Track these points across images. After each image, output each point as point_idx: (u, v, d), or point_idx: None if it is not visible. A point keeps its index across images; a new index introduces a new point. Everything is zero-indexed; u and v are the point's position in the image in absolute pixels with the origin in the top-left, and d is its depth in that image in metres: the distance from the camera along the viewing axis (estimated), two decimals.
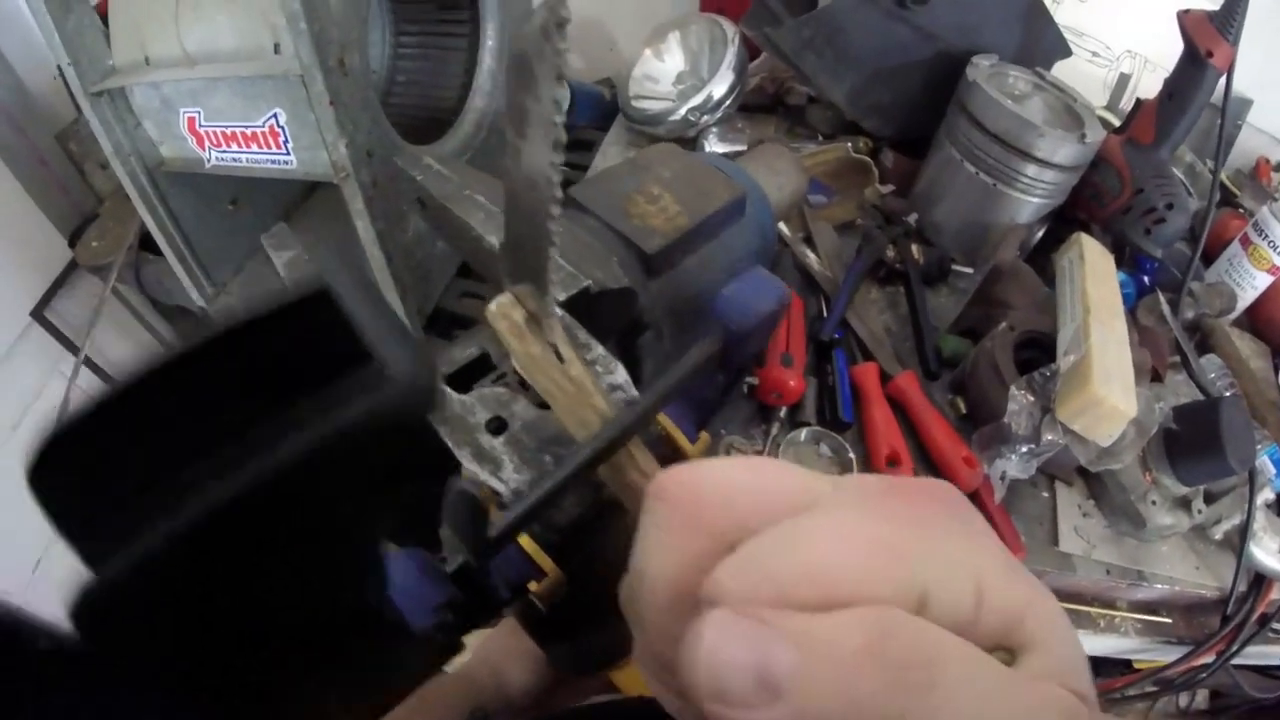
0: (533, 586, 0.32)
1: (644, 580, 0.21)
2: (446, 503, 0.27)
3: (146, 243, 1.19)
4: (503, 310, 0.31)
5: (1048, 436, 0.79)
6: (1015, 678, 0.19)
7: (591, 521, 0.34)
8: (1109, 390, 0.76)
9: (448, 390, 0.37)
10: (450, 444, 0.34)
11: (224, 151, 0.97)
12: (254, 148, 0.94)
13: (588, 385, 0.31)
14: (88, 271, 1.31)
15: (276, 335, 0.15)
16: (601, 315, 0.44)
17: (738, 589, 0.19)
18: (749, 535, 0.20)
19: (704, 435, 0.36)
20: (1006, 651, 0.20)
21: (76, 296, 1.34)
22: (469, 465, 0.33)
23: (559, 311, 0.41)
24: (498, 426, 0.35)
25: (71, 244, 1.30)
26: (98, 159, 1.28)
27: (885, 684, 0.18)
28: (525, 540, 0.32)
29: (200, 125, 0.96)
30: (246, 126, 0.93)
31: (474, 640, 1.18)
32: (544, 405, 0.35)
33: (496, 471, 0.33)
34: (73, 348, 1.32)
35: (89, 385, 1.31)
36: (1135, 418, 0.78)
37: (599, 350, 0.38)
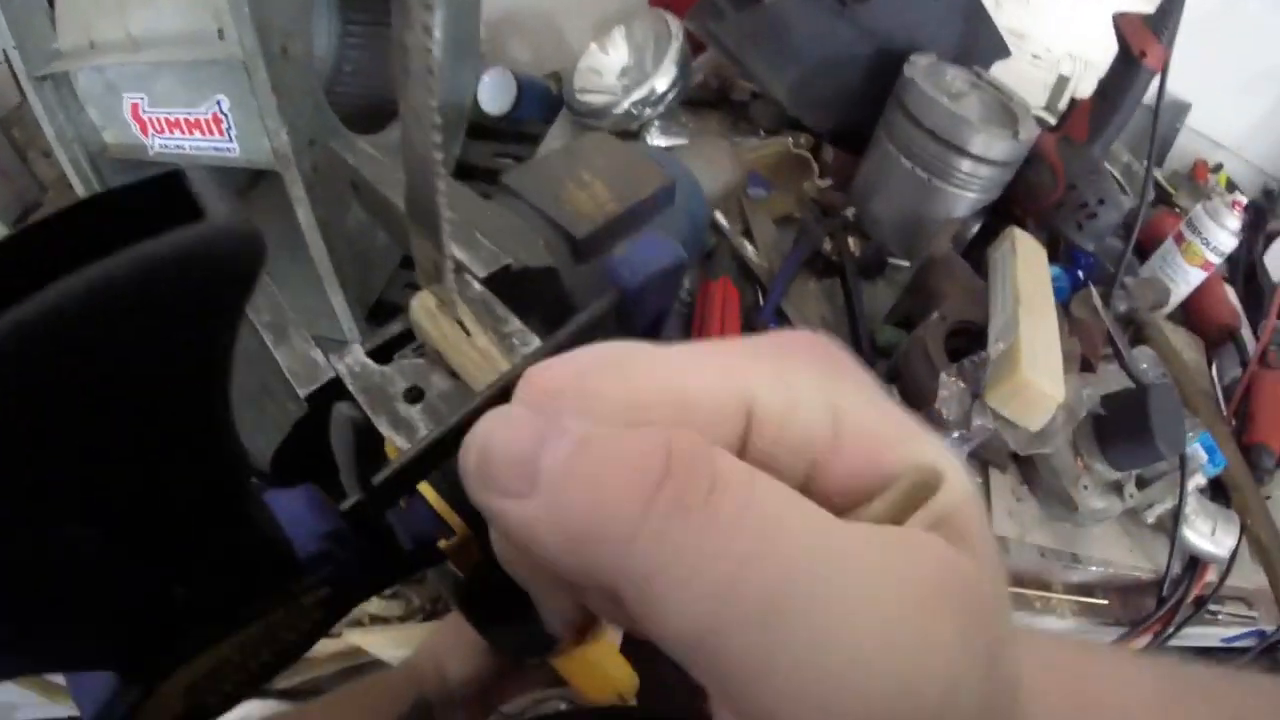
0: (442, 544, 0.32)
1: None
2: (330, 428, 0.27)
3: None
4: (420, 303, 0.33)
5: (977, 422, 0.81)
6: (856, 531, 0.16)
7: None
8: (1037, 375, 0.78)
9: (368, 362, 0.38)
10: (369, 412, 0.35)
11: (167, 139, 0.96)
12: (197, 135, 0.94)
13: (493, 352, 0.33)
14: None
15: (127, 211, 0.15)
16: (525, 293, 0.45)
17: (534, 383, 0.19)
18: None
19: None
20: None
21: None
22: (386, 432, 0.34)
23: (478, 286, 0.42)
24: (415, 395, 0.35)
25: None
26: (41, 146, 1.25)
27: (652, 498, 0.16)
28: (431, 494, 0.33)
29: (144, 111, 0.95)
30: (190, 113, 0.92)
31: (419, 633, 1.17)
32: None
33: (412, 437, 0.34)
34: None
35: None
36: (1064, 403, 0.81)
37: (516, 324, 0.39)
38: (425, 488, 0.33)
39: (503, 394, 0.30)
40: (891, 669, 0.15)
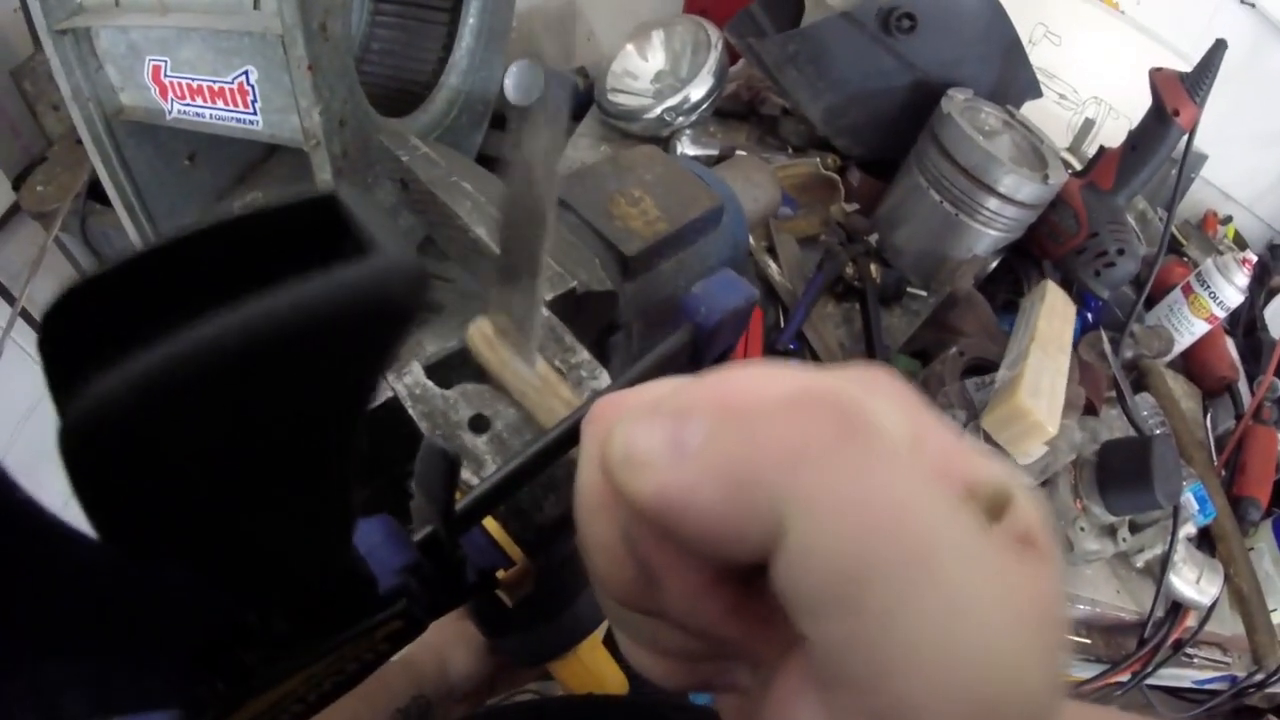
0: (500, 574, 0.32)
1: (577, 497, 0.21)
2: (418, 460, 0.26)
3: (95, 192, 1.15)
4: (478, 329, 0.33)
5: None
6: (976, 523, 0.17)
7: (567, 523, 0.34)
8: (1035, 404, 0.79)
9: (429, 384, 0.37)
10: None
11: (187, 105, 0.94)
12: (219, 104, 0.92)
13: (552, 380, 0.33)
14: (30, 217, 1.25)
15: (282, 230, 0.14)
16: (585, 317, 0.44)
17: (635, 412, 0.19)
18: None
19: None
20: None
21: (16, 243, 1.28)
22: None
23: (545, 313, 0.41)
24: (480, 425, 0.35)
25: (16, 187, 1.24)
26: (51, 100, 1.23)
27: (815, 426, 0.17)
28: (493, 526, 0.32)
29: (165, 75, 0.93)
30: (214, 81, 0.90)
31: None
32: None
33: (479, 471, 0.33)
34: (8, 296, 1.26)
35: (25, 339, 1.25)
36: (1055, 441, 0.81)
37: (583, 355, 0.38)
38: (491, 523, 0.33)
39: (576, 430, 0.30)
40: (1000, 676, 0.15)
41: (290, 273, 0.12)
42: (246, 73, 0.87)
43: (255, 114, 0.90)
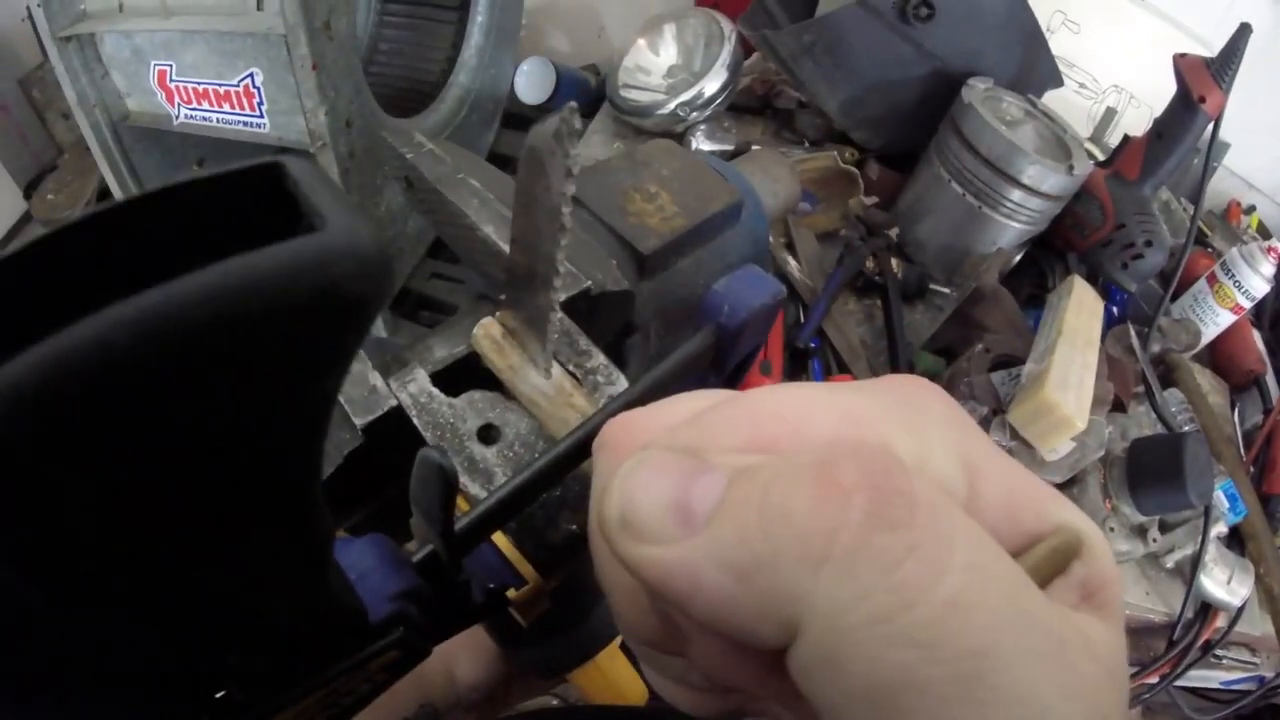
0: (511, 594, 0.30)
1: (592, 538, 0.19)
2: (413, 475, 0.24)
3: (107, 199, 1.14)
4: (484, 330, 0.32)
5: (993, 438, 0.79)
6: (1028, 592, 0.15)
7: (583, 541, 0.32)
8: (1063, 398, 0.77)
9: (435, 392, 0.35)
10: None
11: (194, 109, 0.93)
12: (226, 107, 0.91)
13: (566, 387, 0.31)
14: (42, 226, 1.25)
15: (222, 199, 0.12)
16: (600, 319, 0.42)
17: (664, 442, 0.17)
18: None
19: None
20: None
21: None
22: (460, 477, 0.31)
23: (559, 315, 0.39)
24: (490, 436, 0.33)
25: (27, 195, 1.24)
26: (60, 108, 1.23)
27: (844, 513, 0.14)
28: (504, 542, 0.30)
29: (171, 80, 0.92)
30: (220, 85, 0.89)
31: None
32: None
33: (488, 484, 0.31)
34: None
35: None
36: (1084, 437, 0.79)
37: (600, 359, 0.36)
38: (502, 540, 0.31)
39: (589, 440, 0.28)
40: None
41: (227, 250, 0.10)
42: (252, 75, 0.86)
43: (262, 116, 0.88)
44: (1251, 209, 1.49)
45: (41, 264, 0.11)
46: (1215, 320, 1.14)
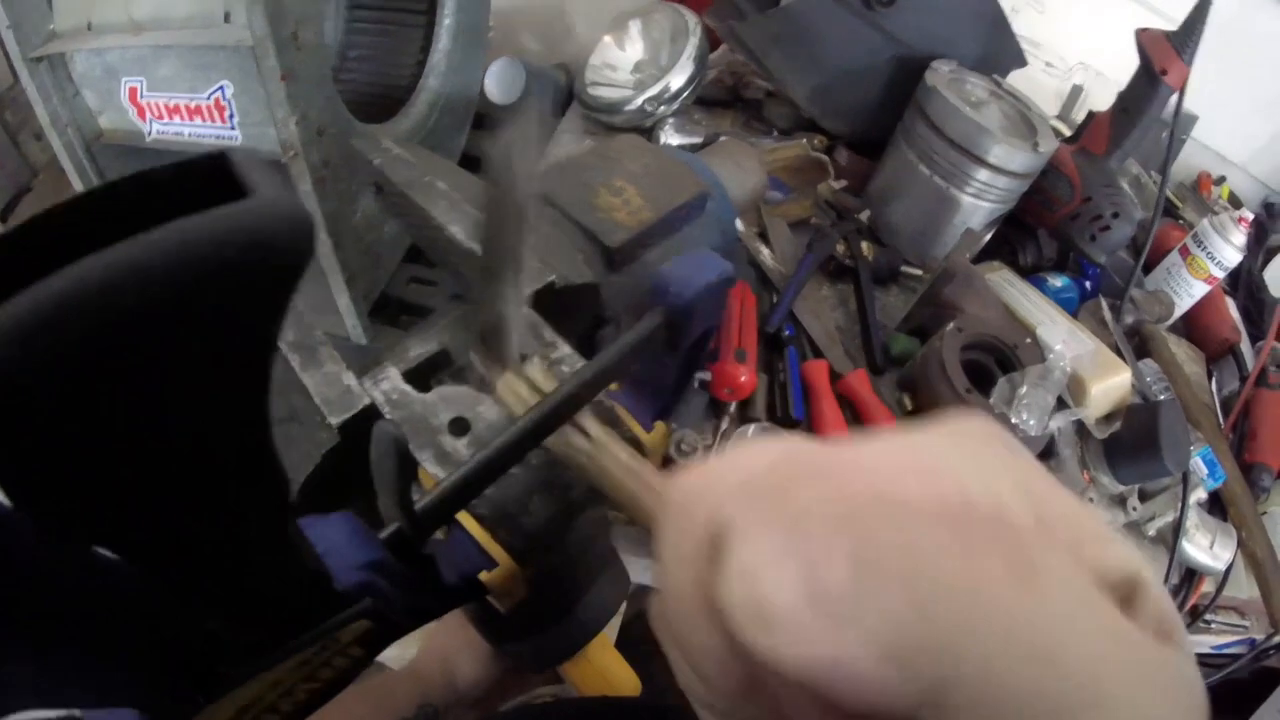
0: (484, 577, 0.31)
1: (668, 597, 0.19)
2: (371, 449, 0.25)
3: None
4: (508, 386, 0.32)
5: (1055, 425, 0.84)
6: (1129, 627, 0.16)
7: (561, 528, 0.33)
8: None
9: (408, 389, 0.36)
10: (411, 447, 0.33)
11: (166, 124, 0.93)
12: (198, 121, 0.91)
13: (603, 439, 0.30)
14: None
15: (169, 192, 0.14)
16: (568, 311, 0.43)
17: (746, 515, 0.17)
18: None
19: (660, 425, 0.36)
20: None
21: None
22: (431, 469, 0.32)
23: (525, 309, 0.40)
24: (460, 427, 0.34)
25: (4, 218, 1.24)
26: (34, 129, 1.22)
27: (970, 571, 0.15)
28: (473, 525, 0.31)
29: (143, 96, 0.92)
30: (191, 99, 0.89)
31: (405, 640, 1.17)
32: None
33: None
34: None
35: None
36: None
37: (565, 349, 0.37)
38: (466, 518, 0.32)
39: (551, 417, 0.29)
40: None
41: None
42: (223, 87, 0.86)
43: (234, 129, 0.89)
44: (1222, 180, 1.51)
45: (31, 238, 0.13)
46: (1189, 291, 1.16)
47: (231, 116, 0.88)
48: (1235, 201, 1.50)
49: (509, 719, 0.62)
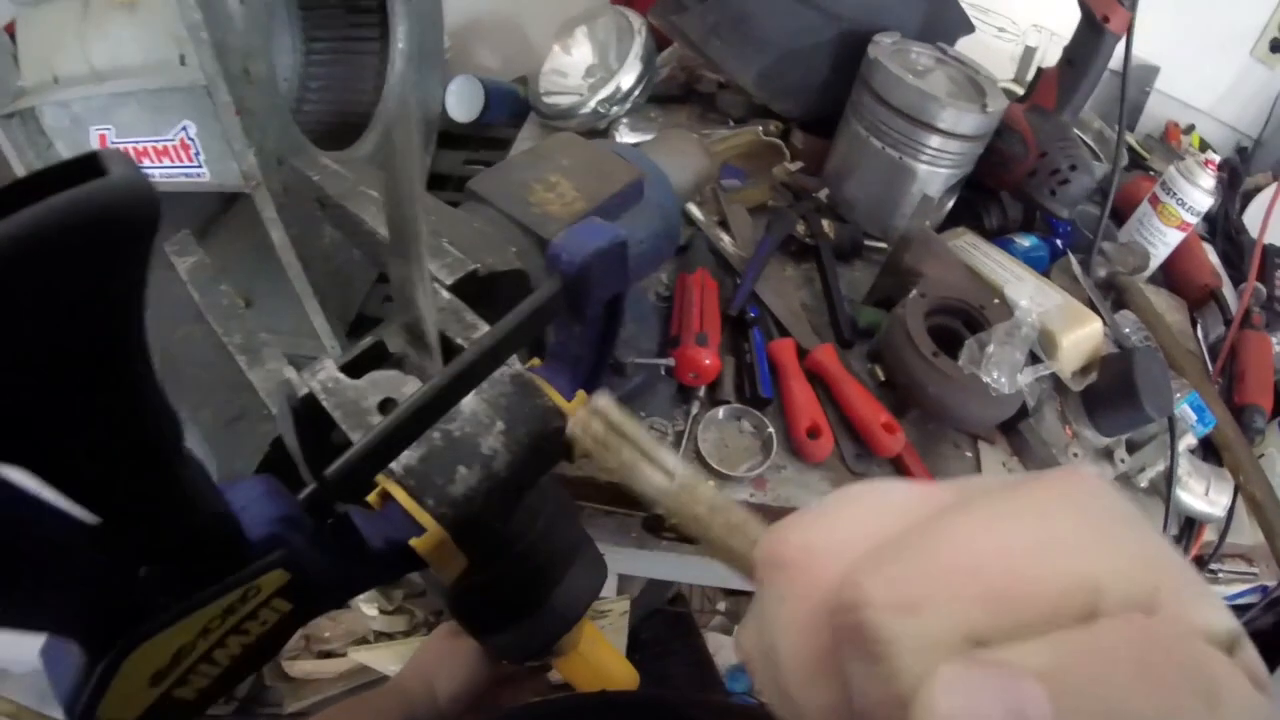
0: (414, 542, 0.32)
1: (779, 657, 0.20)
2: (277, 418, 0.27)
3: None
4: (583, 427, 0.30)
5: (1027, 380, 0.85)
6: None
7: (486, 496, 0.35)
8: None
9: (341, 377, 0.38)
10: (344, 428, 0.35)
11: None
12: (166, 162, 0.93)
13: (690, 480, 0.29)
14: None
15: (62, 179, 0.17)
16: (495, 297, 0.45)
17: (884, 593, 0.17)
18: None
19: (581, 394, 0.37)
20: None
21: None
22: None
23: (445, 295, 0.42)
24: (388, 406, 0.36)
25: None
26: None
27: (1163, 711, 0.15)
28: (400, 493, 0.33)
29: (111, 142, 0.95)
30: (157, 140, 0.92)
31: (405, 650, 1.17)
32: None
33: None
34: None
35: None
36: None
37: (483, 328, 0.39)
38: (394, 487, 0.34)
39: (456, 382, 0.31)
40: None
41: None
42: (185, 127, 0.89)
43: (200, 166, 0.91)
44: (1190, 128, 1.51)
45: None
46: (1164, 240, 1.16)
47: (197, 154, 0.90)
48: (1205, 148, 1.50)
49: (510, 718, 0.63)
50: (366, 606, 1.43)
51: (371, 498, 0.34)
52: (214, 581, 0.26)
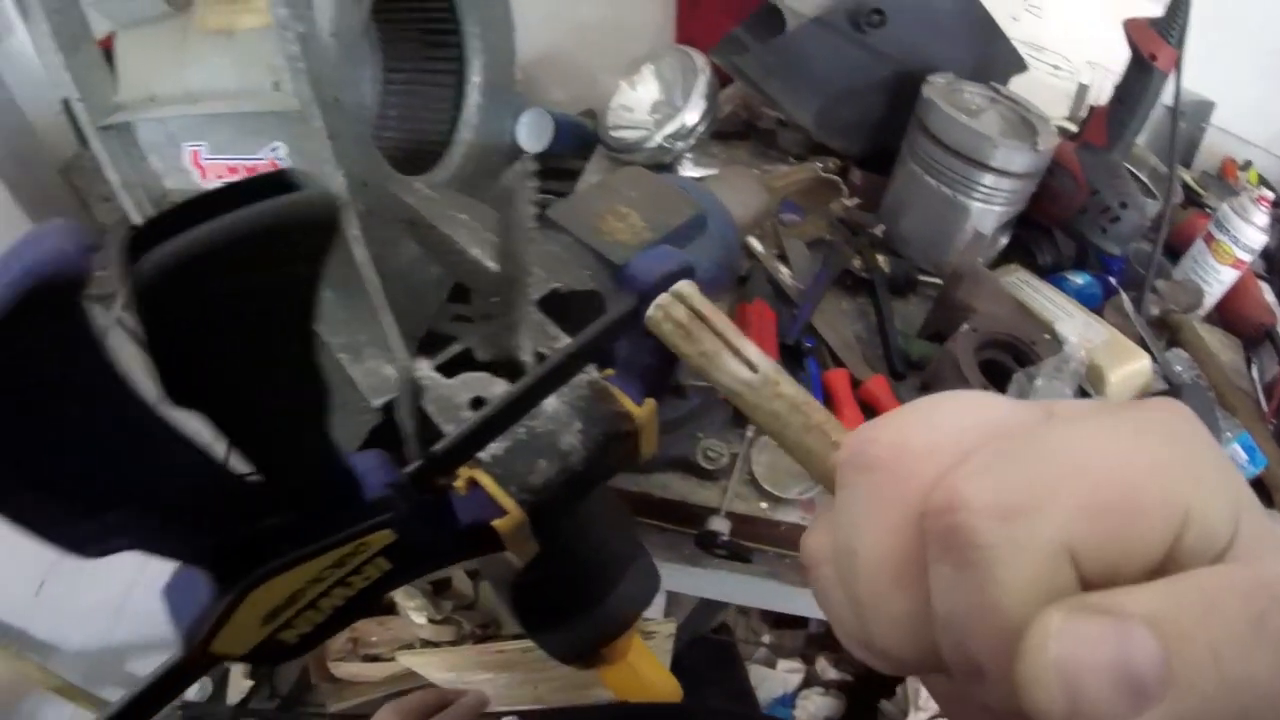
0: (496, 523, 0.36)
1: (857, 561, 0.19)
2: (398, 402, 0.32)
3: None
4: (664, 311, 0.30)
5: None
6: None
7: (561, 487, 0.39)
8: None
9: (436, 375, 0.43)
10: (437, 421, 0.40)
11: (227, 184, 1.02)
12: None
13: (772, 375, 0.28)
14: (94, 301, 1.34)
15: (261, 188, 0.22)
16: (572, 314, 0.49)
17: (983, 498, 0.17)
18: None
19: (650, 402, 0.41)
20: None
21: None
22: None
23: (534, 311, 0.47)
24: (478, 404, 0.40)
25: None
26: (100, 192, 1.30)
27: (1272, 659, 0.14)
28: (486, 480, 0.37)
29: (204, 159, 1.01)
30: (247, 159, 0.98)
31: (469, 656, 1.19)
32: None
33: None
34: None
35: None
36: None
37: (564, 340, 0.44)
38: (481, 475, 0.38)
39: (537, 386, 0.35)
40: None
41: None
42: (275, 148, 0.95)
43: None
44: (1248, 164, 1.49)
45: (169, 219, 0.21)
46: (1218, 278, 1.15)
47: None
48: (1264, 184, 1.48)
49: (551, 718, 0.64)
50: (416, 614, 1.46)
51: (459, 483, 0.38)
52: (331, 529, 0.30)
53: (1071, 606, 0.15)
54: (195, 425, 0.24)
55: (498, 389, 0.41)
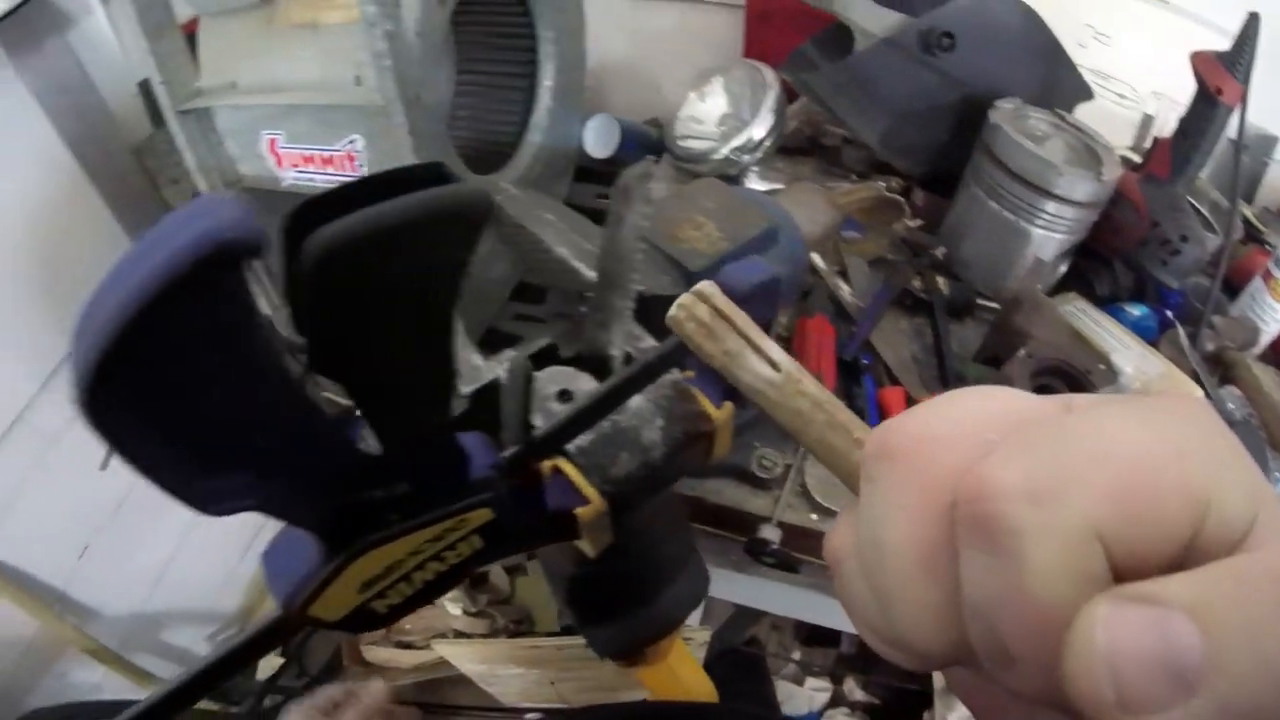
0: (578, 511, 0.38)
1: (884, 552, 0.20)
2: (505, 382, 0.34)
3: None
4: (686, 311, 0.30)
5: None
6: None
7: (640, 480, 0.41)
8: None
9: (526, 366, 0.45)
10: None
11: (300, 172, 1.04)
12: (330, 169, 1.02)
13: (794, 373, 0.27)
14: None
15: (420, 177, 0.24)
16: (652, 318, 0.51)
17: (1014, 483, 0.17)
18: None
19: (728, 405, 0.43)
20: None
21: None
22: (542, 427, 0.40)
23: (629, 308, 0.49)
24: (565, 397, 0.42)
25: None
26: (170, 174, 1.33)
27: None
28: (570, 469, 0.39)
29: (280, 147, 1.04)
30: (325, 150, 1.01)
31: (502, 649, 1.21)
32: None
33: None
34: None
35: None
36: None
37: (650, 341, 0.46)
38: (566, 465, 0.40)
39: (625, 385, 0.37)
40: None
41: None
42: (353, 140, 0.98)
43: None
44: None
45: (325, 203, 0.23)
46: (1275, 317, 1.13)
47: (360, 166, 0.99)
48: None
49: (583, 716, 0.65)
50: (451, 605, 1.49)
51: (545, 470, 0.40)
52: (442, 506, 0.32)
53: (1114, 596, 0.16)
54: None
55: (583, 383, 0.43)
